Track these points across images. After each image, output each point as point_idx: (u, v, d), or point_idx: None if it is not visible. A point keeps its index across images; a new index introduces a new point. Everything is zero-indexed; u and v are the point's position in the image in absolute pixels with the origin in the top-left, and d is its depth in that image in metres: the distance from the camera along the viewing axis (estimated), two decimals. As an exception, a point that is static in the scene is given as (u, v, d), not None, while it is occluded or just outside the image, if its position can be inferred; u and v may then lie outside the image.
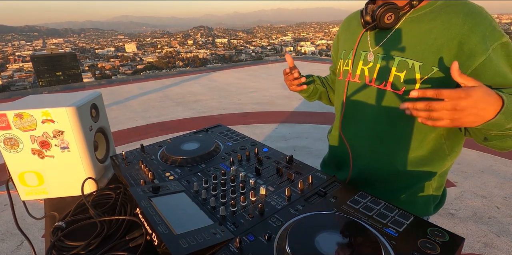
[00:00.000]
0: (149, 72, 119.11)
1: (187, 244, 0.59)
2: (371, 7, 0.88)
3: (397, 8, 0.83)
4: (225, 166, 0.97)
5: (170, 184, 0.85)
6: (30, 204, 1.06)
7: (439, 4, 0.82)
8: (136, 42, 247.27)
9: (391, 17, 0.84)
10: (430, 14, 0.81)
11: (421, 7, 0.83)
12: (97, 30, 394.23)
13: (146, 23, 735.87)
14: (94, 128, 1.06)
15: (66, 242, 0.76)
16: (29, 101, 1.01)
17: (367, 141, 0.96)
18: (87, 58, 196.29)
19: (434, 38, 0.79)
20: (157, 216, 0.68)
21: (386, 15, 0.83)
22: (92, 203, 0.92)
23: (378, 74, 0.89)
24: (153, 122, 4.90)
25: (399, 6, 0.83)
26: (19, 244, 2.22)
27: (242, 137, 1.21)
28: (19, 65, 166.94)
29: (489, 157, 3.31)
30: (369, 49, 0.92)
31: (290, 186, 0.82)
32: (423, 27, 0.81)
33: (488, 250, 2.00)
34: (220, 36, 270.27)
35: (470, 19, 0.76)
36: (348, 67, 0.98)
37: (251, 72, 9.17)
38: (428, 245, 0.59)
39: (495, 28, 0.76)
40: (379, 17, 0.84)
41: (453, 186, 2.78)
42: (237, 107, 5.52)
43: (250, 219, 0.69)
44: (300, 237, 0.60)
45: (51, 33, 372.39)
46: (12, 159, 0.95)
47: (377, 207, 0.71)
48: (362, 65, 0.93)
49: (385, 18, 0.84)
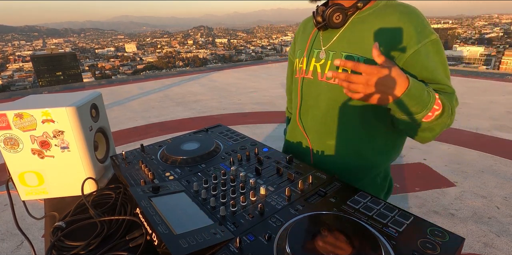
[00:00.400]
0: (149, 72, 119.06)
1: (187, 244, 0.59)
2: (322, 8, 0.97)
3: (344, 9, 0.92)
4: (225, 166, 0.97)
5: (170, 184, 0.85)
6: (30, 204, 1.06)
7: (380, 5, 0.92)
8: (136, 42, 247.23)
9: (339, 17, 0.92)
10: (373, 14, 0.91)
11: (366, 9, 0.93)
12: (97, 30, 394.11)
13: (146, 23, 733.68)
14: (94, 128, 1.06)
15: (66, 242, 0.76)
16: (29, 101, 1.01)
17: (320, 135, 1.04)
18: (87, 58, 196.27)
19: (375, 35, 0.89)
20: (157, 216, 0.68)
21: (335, 15, 0.92)
22: (92, 203, 0.92)
23: (329, 70, 0.96)
24: (153, 122, 4.90)
25: (346, 7, 0.92)
26: (19, 244, 2.22)
27: (242, 137, 1.21)
28: (19, 65, 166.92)
29: (489, 157, 3.31)
30: (321, 48, 1.00)
31: (290, 186, 0.82)
32: (366, 26, 0.91)
33: (488, 250, 2.00)
34: (220, 36, 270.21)
35: (404, 17, 0.86)
36: (302, 64, 1.05)
37: (251, 72, 9.17)
38: (428, 245, 0.59)
39: (426, 26, 0.86)
40: (328, 16, 0.92)
41: (453, 186, 2.78)
42: (237, 107, 5.52)
43: (250, 219, 0.69)
44: (300, 237, 0.61)
45: (51, 33, 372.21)
46: (12, 159, 0.95)
47: (377, 207, 0.71)
48: (315, 62, 1.01)
49: (333, 17, 0.92)
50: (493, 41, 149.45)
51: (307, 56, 1.04)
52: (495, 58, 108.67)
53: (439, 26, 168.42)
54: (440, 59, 0.88)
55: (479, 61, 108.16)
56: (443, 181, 2.87)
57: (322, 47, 0.99)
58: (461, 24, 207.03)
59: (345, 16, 0.92)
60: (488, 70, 8.44)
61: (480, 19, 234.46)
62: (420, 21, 0.86)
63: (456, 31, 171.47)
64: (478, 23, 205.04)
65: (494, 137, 3.87)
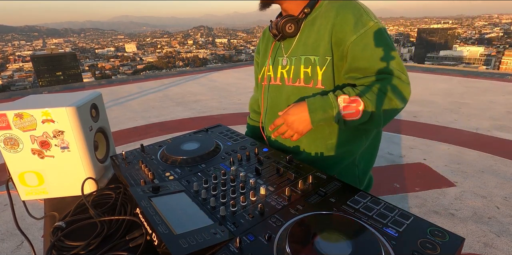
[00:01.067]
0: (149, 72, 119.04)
1: (187, 244, 0.59)
2: (275, 22, 1.05)
3: (294, 18, 0.99)
4: (225, 166, 0.97)
5: (170, 184, 0.85)
6: (30, 204, 1.06)
7: (324, 5, 0.98)
8: (136, 42, 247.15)
9: (291, 26, 1.00)
10: (318, 15, 0.98)
11: (313, 11, 1.00)
12: (97, 30, 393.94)
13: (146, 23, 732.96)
14: (94, 128, 1.06)
15: (66, 242, 0.76)
16: (29, 101, 1.01)
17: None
18: (87, 58, 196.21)
19: (322, 34, 0.96)
20: (157, 216, 0.68)
21: (287, 25, 1.00)
22: (92, 203, 0.92)
23: (293, 74, 1.04)
24: (153, 122, 4.90)
25: (296, 16, 1.00)
26: (19, 244, 2.22)
27: (242, 137, 1.21)
28: (19, 65, 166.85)
29: (489, 157, 3.31)
30: (283, 55, 1.08)
31: (290, 186, 0.82)
32: (315, 27, 0.98)
33: (488, 250, 2.00)
34: (220, 36, 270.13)
35: (341, 11, 0.93)
36: (270, 72, 1.14)
37: (251, 72, 9.12)
38: (428, 245, 0.59)
39: (361, 15, 0.91)
40: (281, 29, 1.01)
41: (453, 186, 2.78)
42: (237, 107, 5.52)
43: (250, 219, 0.69)
44: (300, 237, 0.60)
45: (51, 33, 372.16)
46: (12, 159, 0.95)
47: (377, 207, 0.71)
48: (281, 69, 1.09)
49: (286, 28, 1.00)
50: (493, 41, 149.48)
51: (272, 64, 1.13)
52: (495, 58, 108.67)
53: (439, 26, 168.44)
54: (378, 47, 0.90)
55: (479, 61, 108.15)
56: (443, 181, 2.87)
57: (284, 55, 1.08)
58: (461, 24, 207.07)
59: (296, 24, 1.00)
60: (488, 70, 8.43)
61: (480, 19, 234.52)
62: (357, 12, 0.91)
63: (456, 31, 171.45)
64: (478, 23, 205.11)
65: (494, 137, 3.87)
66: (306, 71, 1.00)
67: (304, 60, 1.00)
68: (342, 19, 0.92)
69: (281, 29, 1.01)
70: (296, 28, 1.01)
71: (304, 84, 1.01)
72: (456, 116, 4.59)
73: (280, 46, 1.10)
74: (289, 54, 1.06)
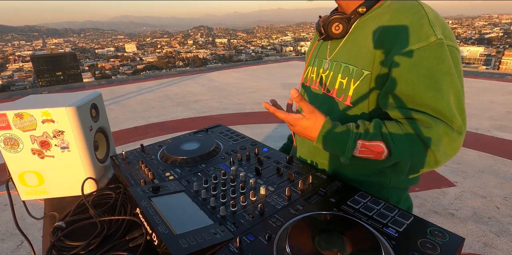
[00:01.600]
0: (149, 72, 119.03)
1: (187, 244, 0.59)
2: (323, 17, 0.91)
3: (345, 18, 0.83)
4: (225, 166, 0.97)
5: (170, 184, 0.85)
6: (30, 204, 1.06)
7: (383, 6, 0.78)
8: (136, 42, 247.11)
9: (339, 27, 0.84)
10: (371, 18, 0.80)
11: (369, 12, 0.81)
12: (97, 30, 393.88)
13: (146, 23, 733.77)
14: (94, 128, 1.06)
15: (66, 242, 0.76)
16: (29, 101, 1.01)
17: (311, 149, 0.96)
18: (87, 58, 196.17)
19: (368, 42, 0.77)
20: (157, 216, 0.68)
21: (333, 25, 0.85)
22: (92, 203, 0.92)
23: (330, 81, 0.89)
24: (153, 122, 4.90)
25: (347, 15, 0.83)
26: (19, 244, 2.22)
27: (242, 137, 1.21)
28: (19, 65, 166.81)
29: (489, 157, 3.31)
30: (327, 57, 0.94)
31: (290, 186, 0.82)
32: (365, 32, 0.80)
33: (488, 250, 2.00)
34: (220, 36, 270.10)
35: (396, 14, 0.72)
36: (313, 74, 0.99)
37: (251, 72, 9.17)
38: (428, 245, 0.59)
39: (423, 25, 0.68)
40: (326, 28, 0.86)
41: (453, 186, 2.78)
42: (237, 107, 5.52)
43: (250, 219, 0.69)
44: (300, 237, 0.60)
45: (51, 33, 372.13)
46: (12, 159, 0.95)
47: (377, 207, 0.71)
48: (322, 72, 0.94)
49: (332, 28, 0.85)
50: (493, 41, 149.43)
51: (316, 66, 0.99)
52: (495, 58, 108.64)
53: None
54: (433, 72, 0.67)
55: (479, 61, 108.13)
56: (443, 181, 2.87)
57: (327, 57, 0.93)
58: (461, 24, 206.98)
59: (346, 24, 0.84)
60: (488, 70, 8.43)
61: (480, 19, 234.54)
62: (417, 18, 0.69)
63: (456, 31, 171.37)
64: (478, 23, 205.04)
65: (494, 137, 3.87)
66: (342, 82, 0.84)
67: (343, 68, 0.84)
68: (394, 25, 0.72)
69: (327, 28, 0.86)
70: (344, 29, 0.84)
71: (336, 97, 0.86)
72: (456, 116, 4.58)
73: (327, 47, 0.95)
74: (332, 58, 0.91)
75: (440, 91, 0.67)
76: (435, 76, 0.68)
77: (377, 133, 0.72)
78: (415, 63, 0.68)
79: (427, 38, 0.67)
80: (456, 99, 0.69)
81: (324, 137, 0.75)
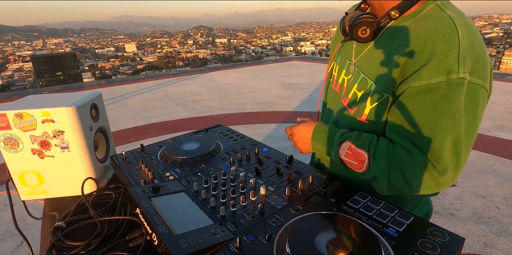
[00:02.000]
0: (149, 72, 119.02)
1: (187, 244, 0.59)
2: (351, 15, 0.80)
3: (373, 22, 0.74)
4: (225, 166, 0.97)
5: (170, 184, 0.85)
6: (30, 204, 1.06)
7: (420, 16, 0.70)
8: (136, 42, 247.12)
9: (366, 31, 0.75)
10: (404, 28, 0.71)
11: (404, 17, 0.72)
12: (97, 30, 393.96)
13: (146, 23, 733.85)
14: (94, 128, 1.06)
15: (66, 242, 0.76)
16: (29, 101, 1.01)
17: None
18: (87, 58, 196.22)
19: (393, 60, 0.70)
20: (157, 216, 0.68)
21: (360, 29, 0.75)
22: (92, 203, 0.92)
23: (347, 87, 0.85)
24: (153, 122, 4.90)
25: (376, 18, 0.74)
26: (19, 244, 2.22)
27: (242, 137, 1.21)
28: (19, 65, 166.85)
29: (489, 157, 3.31)
30: (351, 59, 0.87)
31: (290, 186, 0.82)
32: (393, 44, 0.72)
33: (488, 250, 2.00)
34: (220, 36, 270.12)
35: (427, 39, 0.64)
36: (335, 72, 0.95)
37: (251, 72, 9.17)
38: (428, 245, 0.59)
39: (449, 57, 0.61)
40: (351, 31, 0.77)
41: (453, 186, 2.78)
42: (237, 107, 5.52)
43: (250, 219, 0.69)
44: (300, 237, 0.60)
45: (51, 33, 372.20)
46: (12, 159, 0.95)
47: (377, 207, 0.71)
48: (344, 75, 0.89)
49: (359, 32, 0.76)
50: (493, 41, 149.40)
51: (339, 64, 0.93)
52: (495, 58, 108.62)
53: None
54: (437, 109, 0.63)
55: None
56: (443, 181, 2.87)
57: (352, 59, 0.86)
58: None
59: (373, 28, 0.74)
60: (488, 70, 8.41)
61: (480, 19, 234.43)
62: (446, 50, 0.61)
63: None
64: (478, 23, 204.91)
65: (494, 137, 3.87)
66: (356, 93, 0.79)
67: (361, 79, 0.78)
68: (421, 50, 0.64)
69: (351, 32, 0.77)
70: (371, 34, 0.74)
71: (346, 107, 0.82)
72: (456, 116, 4.58)
73: (352, 45, 0.87)
74: (356, 62, 0.84)
75: (436, 131, 0.65)
76: (437, 115, 0.64)
77: (366, 143, 0.73)
78: (424, 97, 0.65)
79: (448, 74, 0.61)
80: (453, 142, 0.65)
81: (316, 131, 0.84)
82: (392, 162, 0.70)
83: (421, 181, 0.68)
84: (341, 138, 0.78)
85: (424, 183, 0.68)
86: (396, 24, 0.73)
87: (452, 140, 0.65)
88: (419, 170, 0.68)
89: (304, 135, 0.87)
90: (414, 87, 0.65)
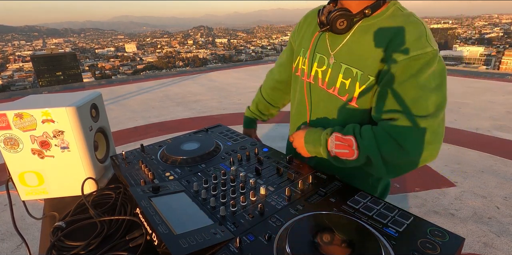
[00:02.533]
0: (149, 72, 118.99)
1: (187, 244, 0.59)
2: (328, 8, 0.90)
3: (350, 15, 0.85)
4: (225, 166, 0.97)
5: (170, 184, 0.85)
6: (30, 204, 1.06)
7: (387, 14, 0.85)
8: (136, 42, 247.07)
9: (343, 23, 0.86)
10: (376, 24, 0.85)
11: (373, 16, 0.86)
12: (97, 30, 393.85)
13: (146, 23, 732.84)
14: (94, 128, 1.06)
15: (66, 242, 0.76)
16: (29, 101, 1.01)
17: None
18: (87, 58, 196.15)
19: (373, 49, 0.84)
20: (157, 216, 0.68)
21: (339, 20, 0.86)
22: (92, 203, 0.92)
23: (329, 79, 0.93)
24: (153, 123, 4.89)
25: (353, 13, 0.85)
26: (19, 244, 2.22)
27: (242, 137, 1.21)
28: (19, 65, 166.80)
29: (489, 157, 3.31)
30: (326, 52, 0.95)
31: (290, 186, 0.82)
32: (368, 37, 0.85)
33: (488, 250, 2.00)
34: (220, 36, 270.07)
35: (401, 30, 0.80)
36: (305, 66, 1.02)
37: (251, 72, 9.17)
38: (428, 245, 0.59)
39: (421, 37, 0.78)
40: (331, 21, 0.86)
41: (453, 186, 2.78)
42: (237, 107, 5.52)
43: (250, 219, 0.69)
44: (300, 237, 0.60)
45: (51, 33, 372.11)
46: (12, 159, 0.95)
47: (377, 207, 0.71)
48: (317, 67, 0.97)
49: (337, 23, 0.86)
50: (493, 41, 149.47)
51: (310, 59, 0.99)
52: (495, 58, 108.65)
53: (439, 26, 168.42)
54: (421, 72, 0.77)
55: (479, 61, 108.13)
56: (443, 181, 2.87)
57: (330, 51, 0.94)
58: (461, 24, 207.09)
59: (350, 22, 0.86)
60: (488, 70, 8.43)
61: (480, 19, 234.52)
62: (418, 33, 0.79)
63: (456, 31, 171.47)
64: (478, 23, 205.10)
65: (494, 137, 3.87)
66: (344, 82, 0.89)
67: (344, 70, 0.89)
68: (401, 34, 0.79)
69: (331, 22, 0.86)
70: (347, 26, 0.86)
71: (337, 95, 0.92)
72: (456, 117, 4.58)
73: (324, 40, 0.96)
74: (334, 53, 0.93)
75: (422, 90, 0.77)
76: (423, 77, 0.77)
77: (350, 129, 0.85)
78: (407, 67, 0.78)
79: (424, 48, 0.77)
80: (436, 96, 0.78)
81: (307, 134, 0.94)
82: (379, 135, 0.80)
83: (412, 140, 0.78)
84: (327, 133, 0.88)
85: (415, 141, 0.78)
86: (366, 22, 0.87)
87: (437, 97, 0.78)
88: (407, 129, 0.78)
89: (301, 140, 0.96)
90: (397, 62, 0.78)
